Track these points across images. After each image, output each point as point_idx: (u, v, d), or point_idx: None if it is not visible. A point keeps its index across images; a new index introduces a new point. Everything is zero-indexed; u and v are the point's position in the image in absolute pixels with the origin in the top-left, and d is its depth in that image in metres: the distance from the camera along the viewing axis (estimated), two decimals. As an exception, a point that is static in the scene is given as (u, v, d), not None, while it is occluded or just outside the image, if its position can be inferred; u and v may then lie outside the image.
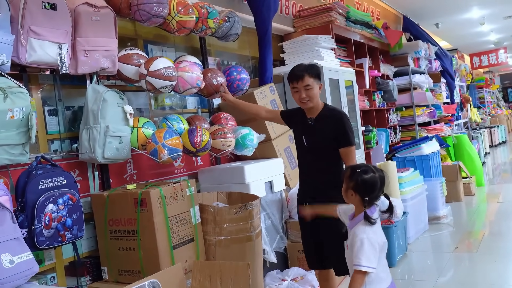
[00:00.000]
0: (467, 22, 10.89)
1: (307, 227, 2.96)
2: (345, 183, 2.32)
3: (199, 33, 3.55)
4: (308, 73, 2.83)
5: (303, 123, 2.95)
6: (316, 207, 2.73)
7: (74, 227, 2.55)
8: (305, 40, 5.11)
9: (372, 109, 6.57)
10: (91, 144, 2.78)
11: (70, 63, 2.68)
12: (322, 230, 2.89)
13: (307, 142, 2.91)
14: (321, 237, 2.90)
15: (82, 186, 2.94)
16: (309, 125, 2.91)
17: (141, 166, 3.40)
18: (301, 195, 3.02)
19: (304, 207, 2.86)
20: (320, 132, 2.86)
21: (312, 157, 2.91)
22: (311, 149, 2.90)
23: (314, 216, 2.78)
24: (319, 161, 2.89)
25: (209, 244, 2.99)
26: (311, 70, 2.85)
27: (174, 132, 3.11)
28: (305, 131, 2.93)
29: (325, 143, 2.85)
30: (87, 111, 2.83)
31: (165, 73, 3.01)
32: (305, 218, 2.85)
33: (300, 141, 2.97)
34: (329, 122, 2.86)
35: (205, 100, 4.16)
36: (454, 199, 6.77)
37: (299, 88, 2.84)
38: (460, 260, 4.41)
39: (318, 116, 2.90)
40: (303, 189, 3.00)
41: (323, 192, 2.84)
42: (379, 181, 2.25)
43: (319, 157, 2.88)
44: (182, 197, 2.86)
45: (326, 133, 2.84)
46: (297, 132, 3.03)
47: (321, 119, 2.89)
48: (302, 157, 3.02)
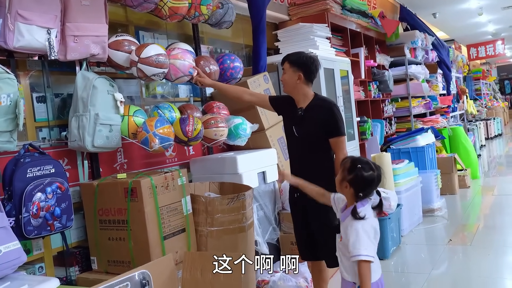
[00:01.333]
0: (465, 13, 10.90)
1: (299, 218, 3.01)
2: (342, 174, 2.33)
3: (192, 20, 3.53)
4: (289, 58, 2.96)
5: (293, 113, 2.98)
6: (307, 185, 2.71)
7: (63, 217, 2.55)
8: (300, 28, 5.09)
9: (368, 99, 6.57)
10: (80, 132, 2.76)
11: (59, 48, 2.66)
12: (313, 222, 2.93)
13: (297, 132, 2.95)
14: (313, 229, 2.94)
15: (71, 175, 2.93)
16: (299, 115, 2.94)
17: (131, 155, 3.39)
18: (292, 186, 3.03)
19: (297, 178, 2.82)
20: (310, 122, 2.90)
21: (302, 147, 2.95)
22: (302, 139, 2.94)
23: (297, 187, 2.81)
24: (309, 151, 2.92)
25: (201, 235, 2.99)
26: (292, 56, 2.97)
27: (165, 121, 3.10)
28: (295, 121, 2.96)
29: (315, 134, 2.88)
30: (76, 99, 2.81)
31: (157, 60, 3.00)
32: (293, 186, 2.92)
33: (290, 131, 3.00)
34: (319, 112, 2.90)
35: (197, 89, 4.14)
36: (449, 192, 6.82)
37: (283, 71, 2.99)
38: (454, 253, 4.45)
39: (308, 106, 2.94)
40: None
41: (313, 182, 2.82)
42: (376, 180, 2.27)
43: (309, 147, 2.92)
44: (173, 187, 2.86)
45: (316, 123, 2.87)
46: (287, 122, 3.06)
47: (311, 109, 2.92)
48: (292, 147, 3.06)
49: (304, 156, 2.95)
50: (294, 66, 2.93)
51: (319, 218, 2.87)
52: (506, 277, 3.82)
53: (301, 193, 2.87)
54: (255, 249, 3.42)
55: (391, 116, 7.48)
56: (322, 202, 2.61)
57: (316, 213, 2.88)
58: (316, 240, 2.95)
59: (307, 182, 2.71)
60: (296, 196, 2.98)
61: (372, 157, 5.11)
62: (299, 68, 2.93)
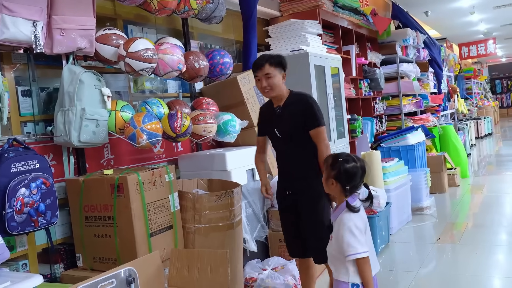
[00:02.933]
0: (457, 11, 10.96)
1: (289, 215, 3.03)
2: (326, 172, 2.34)
3: (181, 14, 3.52)
4: (269, 62, 2.91)
5: (271, 114, 3.01)
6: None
7: (48, 213, 2.53)
8: (291, 24, 5.10)
9: (358, 97, 6.60)
10: (66, 127, 2.74)
11: (45, 42, 2.64)
12: (303, 218, 2.96)
13: (279, 133, 2.97)
14: (303, 225, 2.97)
15: (56, 170, 2.91)
16: (278, 114, 2.97)
17: (118, 151, 3.38)
18: (281, 184, 3.07)
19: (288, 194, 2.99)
20: (289, 118, 2.93)
21: (286, 145, 2.99)
22: (284, 138, 2.97)
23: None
24: (293, 147, 2.96)
25: (188, 232, 2.99)
26: (272, 59, 2.93)
27: (153, 116, 3.09)
28: (275, 121, 2.99)
29: (296, 128, 2.92)
30: (62, 93, 2.79)
31: (145, 55, 2.98)
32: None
33: (273, 135, 3.03)
34: (296, 106, 2.94)
35: (186, 84, 4.13)
36: (438, 191, 6.87)
37: (260, 77, 2.92)
38: (442, 252, 4.48)
39: (285, 103, 2.97)
40: (283, 178, 3.07)
41: (301, 176, 2.94)
42: (360, 171, 2.29)
43: (292, 143, 2.95)
44: (160, 183, 2.85)
45: (295, 118, 2.91)
46: (269, 127, 3.05)
47: (288, 105, 2.96)
48: (278, 149, 3.08)
49: (289, 153, 2.99)
50: (279, 67, 2.94)
51: (310, 214, 2.92)
52: (493, 276, 3.86)
53: (292, 190, 2.97)
54: (243, 246, 3.43)
55: (382, 114, 7.51)
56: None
57: (307, 209, 2.92)
58: (305, 236, 2.97)
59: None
60: (288, 193, 3.01)
61: (362, 155, 5.13)
62: (282, 68, 2.96)
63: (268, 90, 2.93)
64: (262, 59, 2.94)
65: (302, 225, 2.98)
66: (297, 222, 3.00)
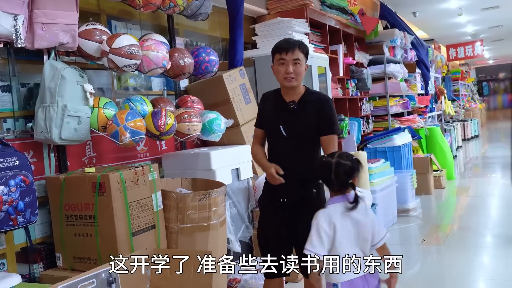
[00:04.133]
0: (445, 12, 11.08)
1: (276, 228, 2.72)
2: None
3: (167, 11, 3.51)
4: (300, 47, 2.63)
5: (281, 108, 2.70)
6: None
7: (27, 211, 2.51)
8: (278, 23, 5.11)
9: (345, 97, 6.64)
10: (47, 123, 2.72)
11: (26, 36, 2.61)
12: (301, 228, 2.60)
13: (286, 131, 2.66)
14: (299, 234, 2.60)
15: (36, 168, 2.88)
16: (290, 110, 2.66)
17: (101, 149, 3.36)
18: (274, 190, 2.71)
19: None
20: (304, 118, 2.65)
21: (291, 146, 2.67)
22: (291, 138, 2.66)
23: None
24: (299, 150, 2.67)
25: (171, 231, 2.98)
26: (303, 46, 2.65)
27: (137, 114, 3.08)
28: (284, 117, 2.68)
29: (309, 130, 2.66)
30: (43, 89, 2.76)
31: (129, 51, 2.97)
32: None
33: (275, 130, 2.70)
34: (314, 106, 2.66)
35: (171, 82, 4.12)
36: (424, 192, 6.95)
37: (287, 60, 2.60)
38: (427, 253, 4.54)
39: (301, 100, 2.67)
40: (280, 185, 2.65)
41: (304, 183, 2.67)
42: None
43: (299, 145, 2.67)
44: (143, 182, 2.84)
45: (311, 119, 2.64)
46: (271, 122, 2.74)
47: (306, 103, 2.66)
48: (277, 148, 2.74)
49: (295, 159, 2.67)
50: (306, 57, 2.67)
51: (308, 222, 2.55)
52: (478, 278, 3.92)
53: (289, 199, 2.68)
54: (227, 247, 3.43)
55: (369, 115, 7.57)
56: None
57: (307, 222, 2.56)
58: (299, 251, 2.59)
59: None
60: (283, 201, 2.70)
61: (348, 155, 5.16)
62: (307, 59, 2.69)
63: (292, 78, 2.60)
64: (294, 42, 2.63)
65: (296, 239, 2.64)
66: (286, 236, 2.70)
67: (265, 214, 2.81)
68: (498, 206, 6.40)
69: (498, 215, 5.90)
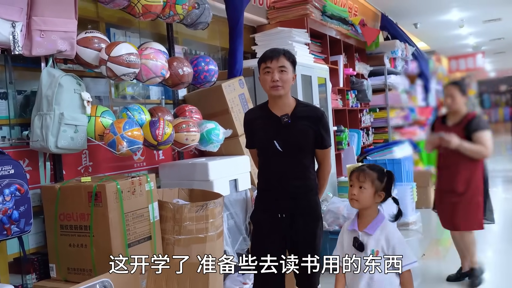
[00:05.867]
0: (446, 24, 11.16)
1: (274, 245, 2.71)
2: (374, 186, 2.43)
3: (166, 19, 3.53)
4: (286, 55, 2.64)
5: (272, 123, 2.70)
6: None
7: (21, 220, 2.50)
8: (279, 33, 5.14)
9: (345, 109, 6.66)
10: (43, 132, 2.73)
11: (24, 43, 2.62)
12: (300, 245, 2.71)
13: (282, 146, 2.65)
14: (300, 250, 2.68)
15: (32, 176, 2.88)
16: (284, 124, 2.65)
17: (97, 158, 3.36)
18: (271, 205, 2.75)
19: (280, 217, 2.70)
20: (299, 131, 2.66)
21: (287, 160, 2.68)
22: (287, 152, 2.66)
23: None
24: (295, 163, 2.69)
25: (167, 243, 2.98)
26: (288, 54, 2.66)
27: (134, 123, 3.08)
28: (277, 132, 2.67)
29: (306, 144, 2.69)
30: (40, 96, 2.77)
31: (128, 60, 2.98)
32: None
33: (269, 146, 2.68)
34: (310, 119, 2.68)
35: (169, 91, 4.13)
36: (424, 206, 6.94)
37: (272, 68, 2.61)
38: (426, 268, 4.53)
39: (294, 113, 2.68)
40: (275, 197, 2.74)
41: (302, 196, 2.72)
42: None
43: (296, 159, 2.69)
44: (140, 192, 2.84)
45: (307, 132, 2.66)
46: (264, 137, 2.73)
47: (300, 117, 2.67)
48: (272, 163, 2.73)
49: (292, 173, 2.68)
50: (292, 66, 2.66)
51: (311, 239, 2.71)
52: (478, 294, 3.91)
53: (286, 214, 2.69)
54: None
55: (369, 127, 7.59)
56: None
57: (308, 234, 2.70)
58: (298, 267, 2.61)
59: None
60: (281, 216, 2.71)
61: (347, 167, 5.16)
62: (294, 68, 2.69)
63: (278, 86, 2.59)
64: (278, 50, 2.65)
65: (297, 253, 2.63)
66: (284, 253, 2.71)
67: (259, 231, 2.81)
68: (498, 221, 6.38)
69: (499, 230, 5.90)
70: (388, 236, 2.26)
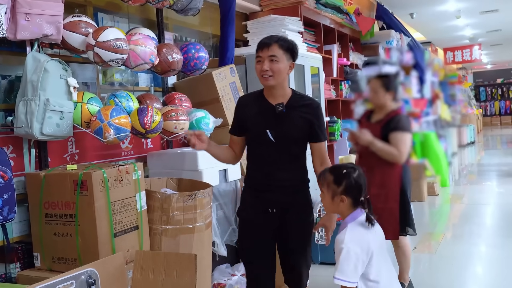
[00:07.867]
0: (443, 15, 11.19)
1: (264, 242, 2.69)
2: (330, 190, 2.27)
3: (156, 4, 3.51)
4: (279, 43, 2.54)
5: (265, 111, 2.62)
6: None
7: (5, 208, 2.50)
8: (271, 20, 5.13)
9: (339, 99, 6.68)
10: (28, 118, 2.72)
11: (8, 26, 2.60)
12: (293, 240, 2.68)
13: (275, 136, 2.59)
14: (290, 248, 2.70)
15: (16, 163, 2.87)
16: (278, 113, 2.58)
17: (83, 146, 3.35)
18: (261, 200, 2.66)
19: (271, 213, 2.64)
20: (295, 122, 2.59)
21: (279, 152, 2.61)
22: (280, 143, 2.60)
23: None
24: (288, 156, 2.63)
25: (155, 233, 2.99)
26: (282, 41, 2.56)
27: (122, 110, 3.08)
28: (271, 121, 2.60)
29: (301, 136, 2.63)
30: (25, 82, 2.76)
31: (115, 45, 2.97)
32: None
33: (261, 136, 2.61)
34: (306, 111, 2.62)
35: (159, 78, 4.12)
36: (417, 199, 7.00)
37: (263, 57, 2.54)
38: (418, 262, 4.57)
39: (289, 103, 2.61)
40: (265, 191, 2.66)
41: (294, 189, 2.68)
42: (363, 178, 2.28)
43: (289, 151, 2.63)
44: (127, 181, 2.84)
45: (301, 123, 2.60)
46: (257, 127, 2.64)
47: (295, 107, 2.61)
48: (262, 155, 2.66)
49: (285, 165, 2.62)
50: (287, 53, 2.57)
51: (303, 235, 2.68)
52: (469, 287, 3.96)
53: (279, 207, 2.63)
54: (213, 250, 3.44)
55: (362, 118, 7.60)
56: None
57: (300, 229, 2.66)
58: (290, 264, 2.70)
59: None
60: (271, 211, 2.64)
61: (340, 159, 5.20)
62: (291, 56, 2.60)
63: (268, 76, 2.52)
64: (271, 38, 2.56)
65: (287, 250, 2.67)
66: (274, 249, 2.72)
67: (249, 227, 2.72)
68: (492, 215, 6.47)
69: (492, 224, 5.98)
70: (337, 241, 2.21)
